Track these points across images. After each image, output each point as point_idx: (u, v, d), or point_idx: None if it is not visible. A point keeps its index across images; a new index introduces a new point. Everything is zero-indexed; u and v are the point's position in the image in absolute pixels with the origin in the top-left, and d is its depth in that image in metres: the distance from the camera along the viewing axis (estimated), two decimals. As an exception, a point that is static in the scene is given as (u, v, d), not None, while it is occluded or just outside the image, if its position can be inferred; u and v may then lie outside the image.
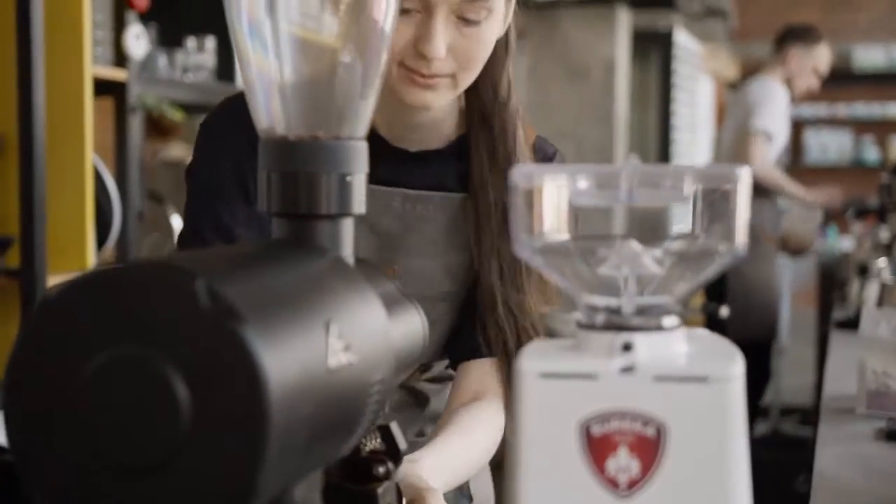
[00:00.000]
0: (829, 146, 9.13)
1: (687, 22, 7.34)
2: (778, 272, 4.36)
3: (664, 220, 0.64)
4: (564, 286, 0.66)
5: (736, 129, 4.32)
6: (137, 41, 2.63)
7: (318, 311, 0.61)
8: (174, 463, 0.53)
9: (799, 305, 6.01)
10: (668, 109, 6.97)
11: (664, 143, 6.96)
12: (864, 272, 3.03)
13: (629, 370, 0.61)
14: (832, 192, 4.62)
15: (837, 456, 1.51)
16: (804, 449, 3.66)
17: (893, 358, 1.79)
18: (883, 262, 2.87)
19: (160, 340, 0.53)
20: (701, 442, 0.60)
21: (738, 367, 0.61)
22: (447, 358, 1.36)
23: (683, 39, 7.03)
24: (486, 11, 1.17)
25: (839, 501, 1.31)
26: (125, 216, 2.60)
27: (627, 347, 0.62)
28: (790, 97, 4.40)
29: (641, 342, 0.62)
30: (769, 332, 4.27)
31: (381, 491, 0.73)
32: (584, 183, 0.63)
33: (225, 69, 3.09)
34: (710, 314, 3.51)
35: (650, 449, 0.60)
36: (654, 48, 6.82)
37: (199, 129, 1.28)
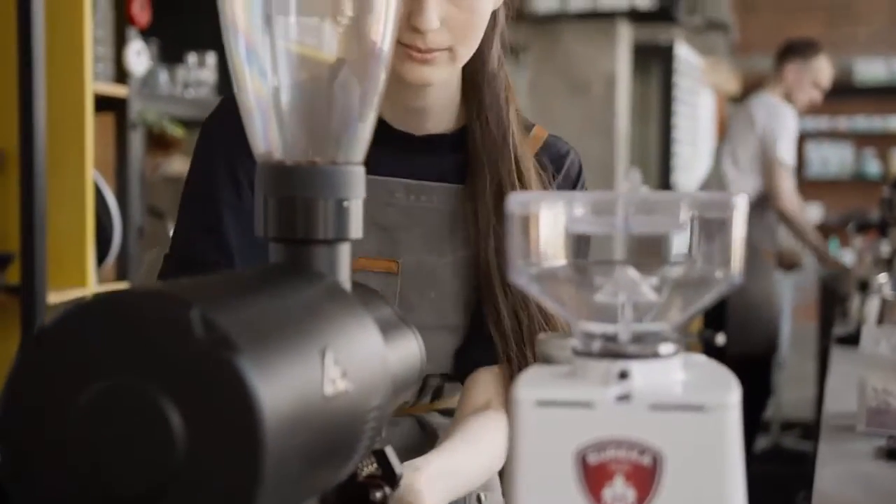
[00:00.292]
0: (830, 159, 9.13)
1: (688, 35, 7.35)
2: (777, 287, 4.35)
3: (661, 246, 0.64)
4: (561, 313, 0.65)
5: (747, 150, 4.28)
6: (138, 57, 2.63)
7: (313, 338, 0.61)
8: (169, 493, 0.52)
9: (800, 319, 6.00)
10: (669, 123, 6.98)
11: (665, 156, 6.96)
12: (864, 288, 3.03)
13: (625, 398, 0.61)
14: (840, 265, 4.63)
15: (837, 475, 1.50)
16: (805, 464, 3.65)
17: (894, 375, 1.79)
18: (884, 277, 2.87)
19: (155, 370, 0.53)
20: (697, 471, 0.60)
21: (734, 395, 0.61)
22: (456, 370, 1.31)
23: (684, 53, 7.04)
24: None
25: (839, 522, 1.31)
26: (125, 232, 2.60)
27: (624, 375, 0.62)
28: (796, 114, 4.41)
29: (638, 370, 0.62)
30: (769, 347, 4.26)
31: (377, 516, 0.73)
32: (580, 210, 0.63)
33: (226, 85, 3.10)
34: (706, 340, 3.51)
35: (646, 478, 0.60)
36: (655, 62, 6.82)
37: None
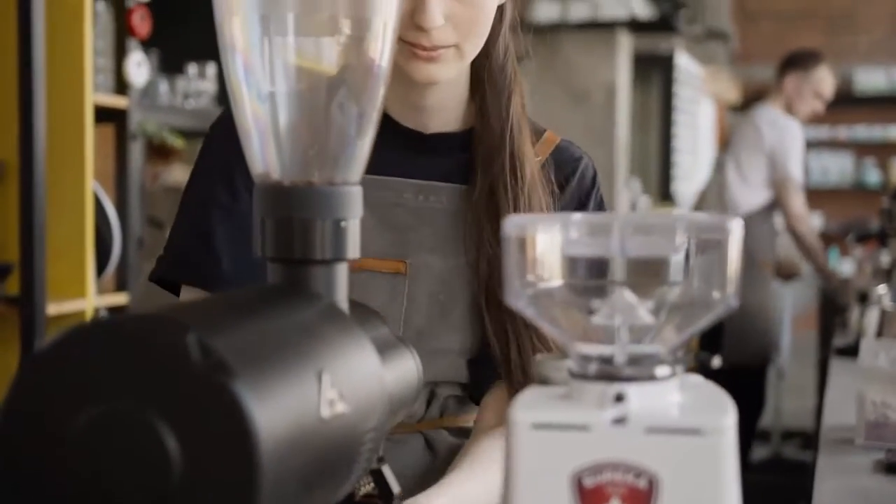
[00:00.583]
0: (830, 168, 9.14)
1: (688, 45, 7.36)
2: (774, 297, 4.35)
3: (657, 268, 0.64)
4: (557, 335, 0.66)
5: (754, 166, 4.28)
6: (138, 69, 2.64)
7: (310, 360, 0.62)
8: (165, 518, 0.53)
9: (800, 328, 6.00)
10: (669, 132, 6.99)
11: (665, 165, 6.97)
12: (864, 299, 3.03)
13: (621, 421, 0.61)
14: (844, 283, 4.64)
15: (836, 489, 1.50)
16: (805, 474, 3.64)
17: (892, 389, 1.79)
18: (883, 289, 2.86)
19: (152, 394, 0.53)
20: (693, 494, 0.60)
21: (730, 418, 0.61)
22: (472, 387, 1.27)
23: (684, 62, 7.05)
24: None
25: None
26: (125, 243, 2.60)
27: (620, 398, 0.62)
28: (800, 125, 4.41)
29: (634, 393, 0.62)
30: (765, 356, 4.26)
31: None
32: (576, 232, 0.63)
33: (226, 96, 3.10)
34: (702, 363, 3.51)
35: (642, 500, 0.60)
36: (655, 71, 6.84)
37: None
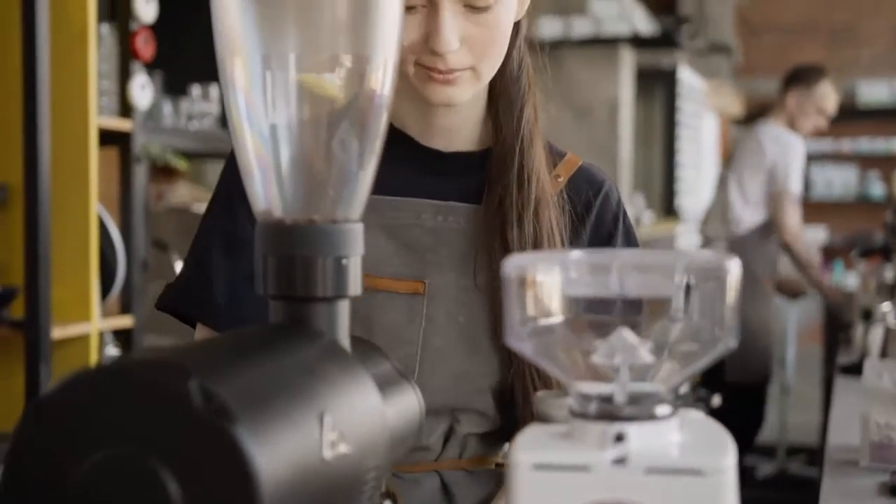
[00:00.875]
0: (834, 181, 9.15)
1: (691, 59, 7.37)
2: (775, 314, 4.35)
3: (656, 308, 0.65)
4: (557, 374, 0.66)
5: (757, 182, 4.29)
6: (142, 91, 2.65)
7: (312, 402, 0.62)
8: (167, 564, 0.53)
9: (805, 342, 5.99)
10: (672, 146, 6.99)
11: (669, 180, 6.98)
12: (868, 316, 3.02)
13: (622, 462, 0.61)
14: (842, 294, 4.63)
15: (840, 513, 1.50)
16: (810, 490, 3.63)
17: (896, 409, 1.79)
18: (887, 306, 2.86)
19: (154, 440, 0.54)
20: (694, 534, 0.60)
21: (730, 458, 0.61)
22: (502, 424, 1.23)
23: (687, 77, 7.06)
24: None
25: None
26: (129, 265, 2.61)
27: (620, 438, 0.62)
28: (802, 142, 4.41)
29: (634, 432, 0.62)
30: (765, 374, 4.26)
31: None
32: (575, 272, 0.64)
33: (230, 116, 3.10)
34: (702, 400, 3.50)
35: (643, 540, 0.60)
36: (658, 85, 6.85)
37: None
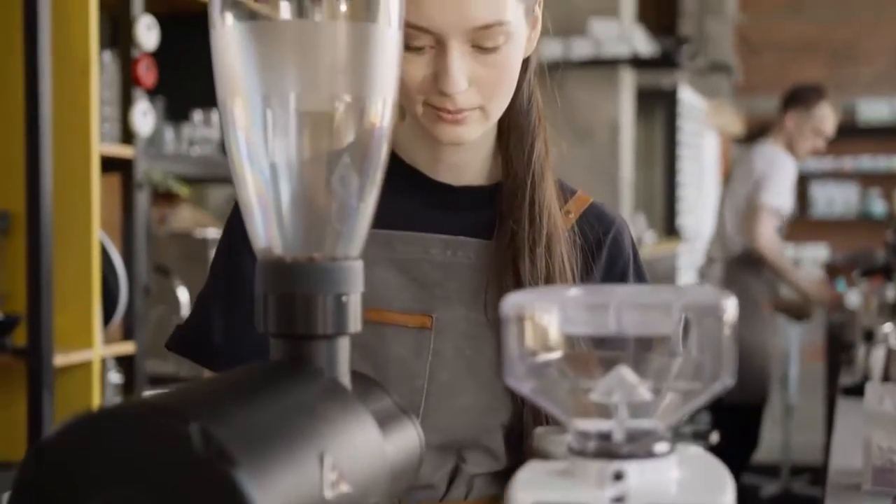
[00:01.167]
0: (835, 199, 9.17)
1: (691, 78, 7.40)
2: (772, 336, 4.34)
3: (654, 345, 0.65)
4: (555, 412, 0.66)
5: (743, 196, 4.33)
6: (144, 118, 2.66)
7: (312, 442, 0.62)
8: None
9: (808, 360, 5.99)
10: (673, 166, 7.01)
11: (670, 199, 6.99)
12: (870, 337, 3.02)
13: (621, 500, 0.61)
14: (835, 295, 4.62)
15: (843, 539, 1.50)
16: (815, 511, 3.63)
17: (898, 433, 1.79)
18: (889, 327, 2.86)
19: (155, 483, 0.54)
20: (692, 572, 0.61)
21: (729, 495, 0.62)
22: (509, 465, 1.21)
23: (688, 96, 7.08)
24: (503, 36, 1.10)
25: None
26: (131, 291, 2.62)
27: (619, 477, 0.62)
28: (795, 162, 4.42)
29: (633, 470, 0.62)
30: (761, 395, 4.25)
31: None
32: (573, 311, 0.64)
33: (231, 142, 3.11)
34: (700, 437, 3.50)
35: (642, 579, 0.61)
36: (658, 105, 6.87)
37: None
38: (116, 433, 0.56)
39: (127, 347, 2.67)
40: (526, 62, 1.21)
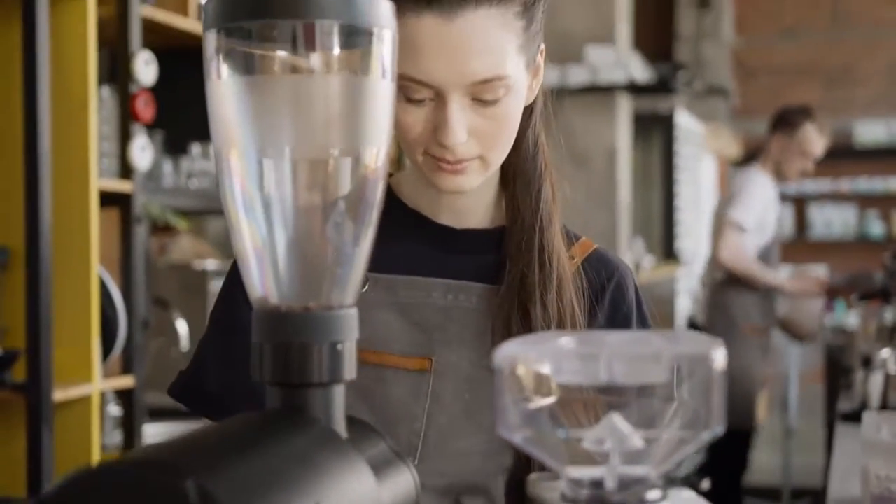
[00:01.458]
0: (833, 221, 9.18)
1: (689, 102, 7.43)
2: (757, 363, 4.31)
3: (645, 394, 0.66)
4: (548, 461, 0.67)
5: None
6: (143, 152, 2.67)
7: (307, 493, 0.63)
8: None
9: (808, 383, 5.98)
10: (671, 190, 7.03)
11: (668, 223, 7.00)
12: (867, 363, 3.03)
13: (613, 549, 0.62)
14: (816, 281, 4.61)
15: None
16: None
17: (896, 462, 1.79)
18: (886, 352, 2.87)
19: (152, 539, 0.55)
20: None
21: (719, 542, 0.62)
22: None
23: (685, 120, 7.10)
24: (503, 90, 1.10)
25: None
26: (131, 325, 2.62)
27: (611, 525, 0.63)
28: (781, 182, 4.41)
29: (625, 518, 0.63)
30: (746, 421, 4.23)
31: None
32: (565, 362, 0.65)
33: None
34: (691, 485, 3.49)
35: None
36: (655, 130, 6.89)
37: None
38: (115, 489, 0.56)
39: (126, 381, 2.67)
40: (531, 108, 1.21)
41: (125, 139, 2.66)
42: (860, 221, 9.16)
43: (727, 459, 4.27)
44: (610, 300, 1.25)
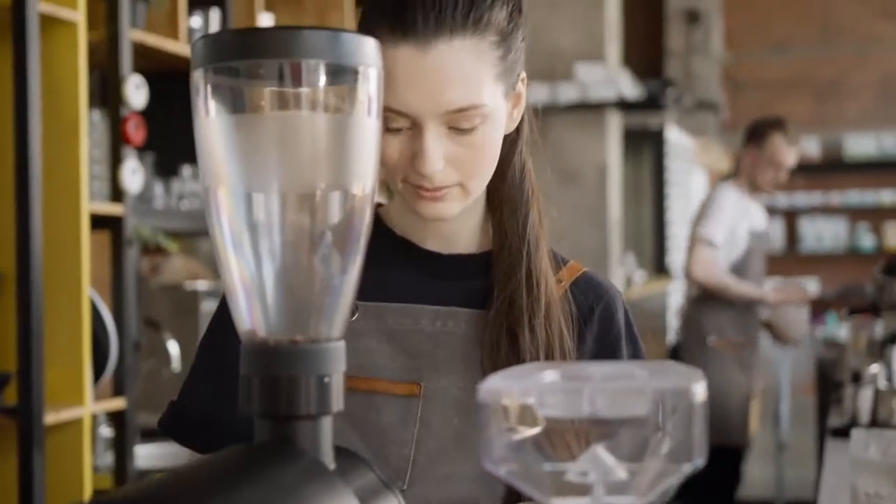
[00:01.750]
0: (824, 234, 9.22)
1: (679, 117, 7.46)
2: (736, 375, 4.28)
3: (629, 426, 0.67)
4: (533, 494, 0.68)
5: None
6: (133, 175, 2.68)
7: (295, 528, 0.64)
8: None
9: (799, 395, 5.99)
10: (662, 205, 7.06)
11: (659, 238, 7.03)
12: (857, 378, 3.04)
13: (596, 581, 0.63)
14: (797, 290, 4.61)
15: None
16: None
17: (884, 480, 1.81)
18: (876, 367, 2.88)
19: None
20: None
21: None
22: None
23: (675, 136, 7.13)
24: (479, 118, 1.11)
25: None
26: (122, 348, 2.63)
27: (595, 555, 0.64)
28: (756, 194, 4.41)
29: (609, 549, 0.64)
30: (739, 437, 4.22)
31: None
32: (549, 396, 0.66)
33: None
34: None
35: None
36: (646, 145, 6.92)
37: None
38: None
39: (118, 403, 2.67)
40: (517, 135, 1.22)
41: (116, 162, 2.67)
42: (851, 234, 9.20)
43: (720, 475, 4.27)
44: (598, 323, 1.25)
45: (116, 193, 2.66)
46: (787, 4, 9.16)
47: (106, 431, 2.87)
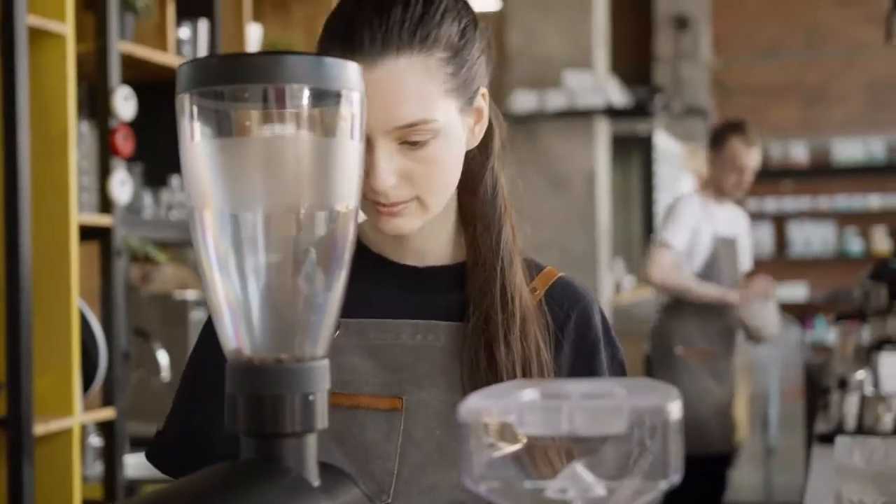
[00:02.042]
0: (812, 238, 9.25)
1: (667, 122, 7.48)
2: (708, 382, 4.24)
3: (607, 444, 0.68)
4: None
5: None
6: (122, 187, 2.69)
7: (280, 545, 0.65)
8: None
9: (788, 400, 6.02)
10: (650, 210, 7.08)
11: (648, 244, 7.04)
12: (843, 385, 3.05)
13: None
14: (755, 285, 4.50)
15: None
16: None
17: (868, 487, 1.82)
18: (862, 374, 2.90)
19: None
20: None
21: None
22: None
23: (663, 141, 7.16)
24: (430, 133, 1.13)
25: None
26: (111, 358, 2.63)
27: (574, 573, 0.65)
28: (722, 199, 4.37)
29: (588, 565, 0.65)
30: (713, 446, 4.19)
31: None
32: (528, 415, 0.67)
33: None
34: None
35: None
36: (634, 151, 6.95)
37: None
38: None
39: (107, 413, 2.68)
40: (487, 151, 1.24)
41: (105, 174, 2.68)
42: (839, 239, 9.24)
43: (704, 484, 4.25)
44: (575, 329, 1.26)
45: (105, 204, 2.67)
46: (774, 10, 9.20)
47: (95, 441, 2.87)
